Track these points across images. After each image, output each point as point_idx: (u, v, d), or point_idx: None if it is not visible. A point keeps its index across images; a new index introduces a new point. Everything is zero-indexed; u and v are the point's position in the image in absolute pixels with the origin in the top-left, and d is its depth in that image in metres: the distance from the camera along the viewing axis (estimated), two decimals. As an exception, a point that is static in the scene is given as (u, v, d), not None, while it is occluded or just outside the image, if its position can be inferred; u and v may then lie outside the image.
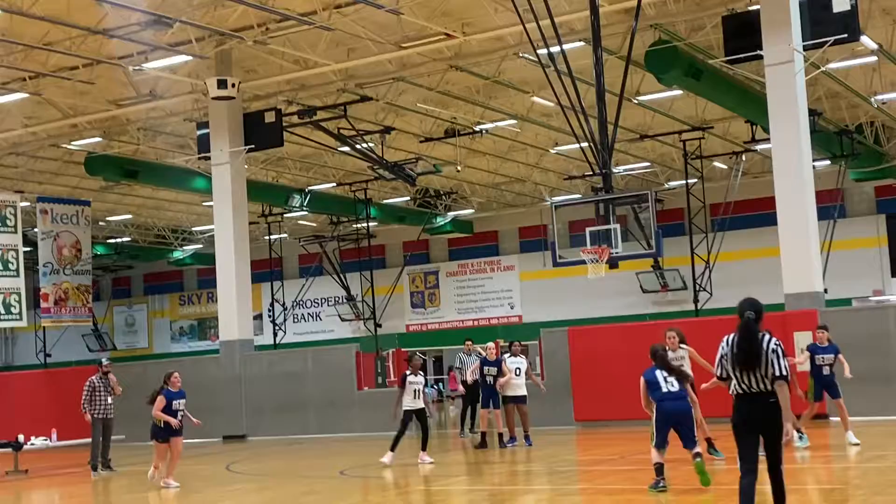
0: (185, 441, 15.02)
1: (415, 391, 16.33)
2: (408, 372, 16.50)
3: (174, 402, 14.64)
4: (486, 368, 18.37)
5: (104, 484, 16.98)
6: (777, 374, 7.83)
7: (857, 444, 14.67)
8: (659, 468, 11.42)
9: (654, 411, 11.63)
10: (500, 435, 18.06)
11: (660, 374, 11.78)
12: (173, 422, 14.49)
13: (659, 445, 11.49)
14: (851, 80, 27.71)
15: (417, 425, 16.60)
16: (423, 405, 16.46)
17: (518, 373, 18.34)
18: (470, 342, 20.97)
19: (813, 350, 15.42)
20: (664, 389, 11.72)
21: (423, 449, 16.50)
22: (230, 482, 15.92)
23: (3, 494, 16.65)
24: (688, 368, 13.19)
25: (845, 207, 37.44)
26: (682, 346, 14.05)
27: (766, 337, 7.99)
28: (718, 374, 8.16)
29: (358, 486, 14.61)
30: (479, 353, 19.06)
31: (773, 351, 7.88)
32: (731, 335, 8.05)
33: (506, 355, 18.67)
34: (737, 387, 7.93)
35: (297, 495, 13.61)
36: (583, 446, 17.48)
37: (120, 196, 38.23)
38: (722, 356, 8.06)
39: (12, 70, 23.45)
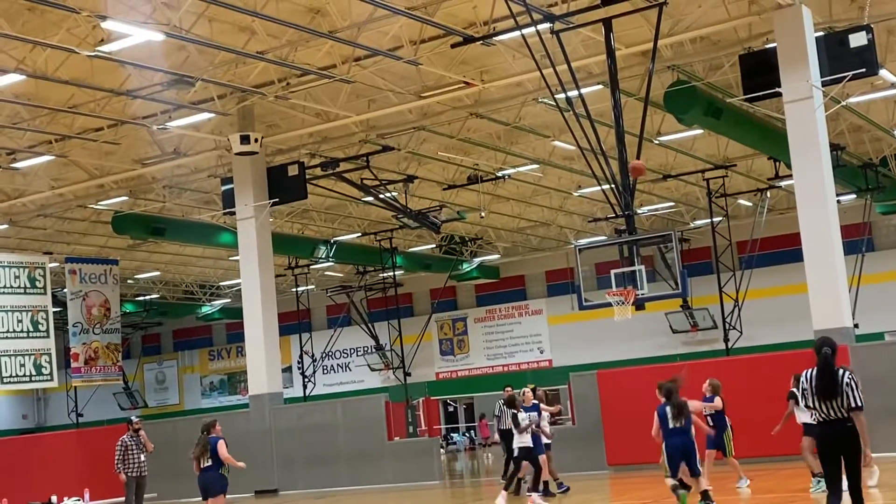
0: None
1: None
2: (514, 411, 16.67)
3: None
4: (530, 415, 18.02)
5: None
6: (854, 405, 8.83)
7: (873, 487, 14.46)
8: (675, 487, 12.93)
9: (664, 445, 13.03)
10: (546, 483, 17.70)
11: (669, 410, 13.12)
12: (242, 465, 14.09)
13: (673, 475, 12.97)
14: (873, 114, 27.65)
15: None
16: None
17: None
18: (509, 388, 20.62)
19: None
20: (671, 426, 13.09)
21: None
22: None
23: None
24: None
25: (873, 241, 37.18)
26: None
27: (842, 371, 8.97)
28: (803, 404, 9.38)
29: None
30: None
31: (848, 384, 8.86)
32: (809, 370, 9.04)
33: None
34: (817, 415, 8.98)
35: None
36: (616, 491, 17.35)
37: (147, 254, 38.52)
38: (803, 389, 9.13)
39: (38, 133, 23.77)
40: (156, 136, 24.73)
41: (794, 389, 15.45)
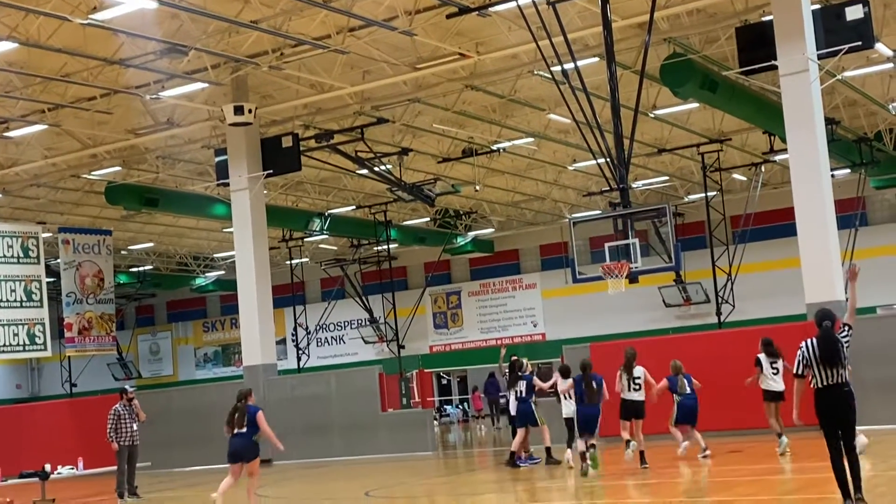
0: (210, 467, 14.71)
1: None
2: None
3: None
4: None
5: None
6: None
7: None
8: (582, 455, 15.44)
9: (576, 412, 15.84)
10: (548, 449, 17.78)
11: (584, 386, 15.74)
12: (280, 446, 14.14)
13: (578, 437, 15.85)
14: (868, 88, 27.61)
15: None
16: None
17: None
18: (514, 357, 20.55)
19: None
20: (585, 400, 15.72)
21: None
22: (255, 506, 15.90)
23: (30, 524, 16.71)
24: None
25: (867, 215, 37.24)
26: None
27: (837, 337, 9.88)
28: (797, 372, 9.84)
29: (383, 508, 14.59)
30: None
31: (843, 345, 9.76)
32: (810, 340, 9.77)
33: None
34: (818, 381, 9.67)
35: (321, 518, 13.60)
36: (608, 461, 17.42)
37: (141, 225, 38.46)
38: (803, 356, 9.78)
39: (31, 102, 23.67)
40: (149, 106, 24.62)
41: (760, 356, 15.88)
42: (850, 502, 9.59)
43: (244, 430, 13.94)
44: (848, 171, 32.86)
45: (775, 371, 16.12)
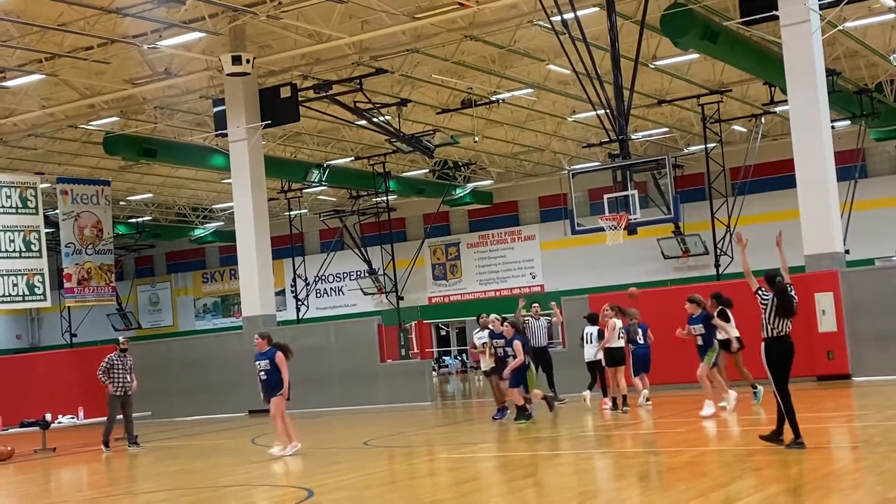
0: (209, 416, 14.76)
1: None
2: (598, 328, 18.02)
3: (256, 363, 14.88)
4: (494, 341, 17.80)
5: (132, 460, 17.16)
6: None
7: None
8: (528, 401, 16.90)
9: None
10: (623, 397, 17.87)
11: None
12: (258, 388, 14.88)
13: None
14: (869, 39, 27.45)
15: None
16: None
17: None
18: (537, 305, 20.35)
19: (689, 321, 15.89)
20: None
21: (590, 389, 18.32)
22: (255, 455, 16.06)
23: (31, 472, 16.86)
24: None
25: (866, 167, 37.18)
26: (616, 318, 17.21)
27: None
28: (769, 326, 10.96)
29: (382, 456, 14.71)
30: (532, 317, 19.14)
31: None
32: (771, 294, 10.87)
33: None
34: (770, 331, 10.78)
35: (321, 466, 13.73)
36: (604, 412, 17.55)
37: (139, 175, 38.40)
38: (768, 302, 10.88)
39: (28, 52, 23.52)
40: (146, 56, 24.49)
41: (724, 309, 16.03)
42: (801, 440, 10.49)
43: None
44: (848, 122, 32.78)
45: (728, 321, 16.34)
